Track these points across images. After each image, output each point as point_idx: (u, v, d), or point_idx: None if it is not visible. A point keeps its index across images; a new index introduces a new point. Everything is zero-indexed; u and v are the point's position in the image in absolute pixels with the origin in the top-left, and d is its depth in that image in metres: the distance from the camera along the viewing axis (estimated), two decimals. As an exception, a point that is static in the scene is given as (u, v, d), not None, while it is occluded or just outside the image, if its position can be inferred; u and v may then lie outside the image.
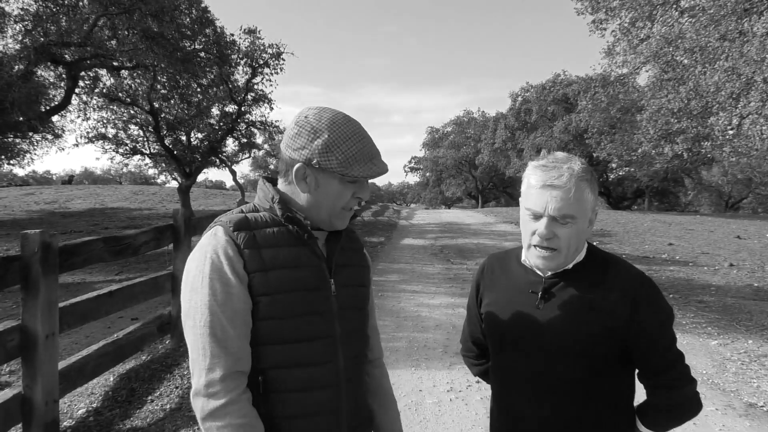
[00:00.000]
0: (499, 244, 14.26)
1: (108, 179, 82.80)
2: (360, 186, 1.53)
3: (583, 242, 1.67)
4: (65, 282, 9.47)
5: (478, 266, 1.94)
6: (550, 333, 1.63)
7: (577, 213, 1.56)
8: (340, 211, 1.53)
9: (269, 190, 1.55)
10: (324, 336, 1.51)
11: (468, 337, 2.00)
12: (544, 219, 1.58)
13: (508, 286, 1.77)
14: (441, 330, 6.60)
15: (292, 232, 1.50)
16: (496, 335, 1.78)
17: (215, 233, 1.47)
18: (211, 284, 1.41)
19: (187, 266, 1.48)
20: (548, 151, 1.70)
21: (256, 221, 1.50)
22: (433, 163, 53.82)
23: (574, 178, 1.56)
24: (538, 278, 1.70)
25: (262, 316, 1.44)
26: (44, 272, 3.56)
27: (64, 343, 6.15)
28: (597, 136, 21.13)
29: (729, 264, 11.49)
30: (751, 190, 49.20)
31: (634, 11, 11.74)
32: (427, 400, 4.58)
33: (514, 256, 1.82)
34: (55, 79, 15.67)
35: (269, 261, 1.45)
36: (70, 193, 28.66)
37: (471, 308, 1.95)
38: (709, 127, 10.17)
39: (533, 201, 1.60)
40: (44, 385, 3.60)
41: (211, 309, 1.40)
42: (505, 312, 1.73)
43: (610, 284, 1.62)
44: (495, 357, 1.82)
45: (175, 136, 20.04)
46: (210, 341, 1.39)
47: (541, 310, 1.66)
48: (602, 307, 1.59)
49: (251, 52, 18.64)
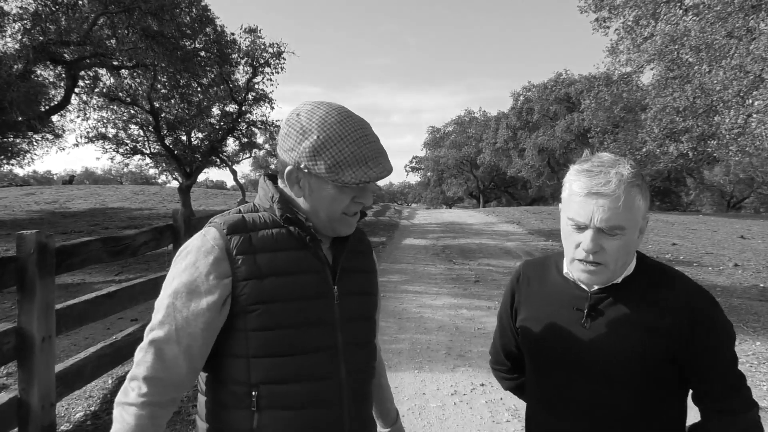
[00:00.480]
0: (501, 244, 14.18)
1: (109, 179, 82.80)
2: (360, 190, 1.39)
3: (633, 253, 1.49)
4: (64, 282, 9.40)
5: (512, 274, 1.77)
6: (597, 355, 1.47)
7: (627, 223, 1.39)
8: (341, 217, 1.40)
9: (270, 188, 1.43)
10: (324, 348, 1.39)
11: (500, 350, 1.83)
12: (590, 231, 1.40)
13: (548, 300, 1.60)
14: (444, 332, 6.52)
15: (294, 234, 1.39)
16: (535, 354, 1.62)
17: (205, 235, 1.37)
18: (177, 288, 1.33)
19: (173, 261, 1.40)
20: (591, 152, 1.51)
21: (254, 222, 1.39)
22: (434, 163, 53.72)
23: (624, 184, 1.37)
24: (583, 293, 1.52)
25: (255, 327, 1.33)
26: (40, 274, 3.48)
27: (63, 344, 6.08)
28: (600, 135, 21.05)
29: (734, 264, 11.40)
30: (753, 190, 49.10)
31: (638, 9, 11.65)
32: (430, 403, 4.50)
33: (553, 265, 1.64)
34: (54, 78, 15.61)
35: (265, 267, 1.34)
36: (71, 193, 28.61)
37: (504, 319, 1.77)
38: (715, 125, 10.07)
39: (576, 210, 1.42)
40: (41, 389, 3.53)
41: (167, 311, 1.33)
42: (545, 329, 1.57)
43: (665, 301, 1.45)
44: (533, 377, 1.66)
45: (175, 135, 19.99)
46: (151, 340, 1.33)
47: (587, 329, 1.49)
48: (657, 327, 1.42)
49: (252, 51, 18.58)
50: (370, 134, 1.37)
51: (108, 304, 4.53)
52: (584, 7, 13.11)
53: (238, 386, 1.35)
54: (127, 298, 4.85)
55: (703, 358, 1.43)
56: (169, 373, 1.32)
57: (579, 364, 1.49)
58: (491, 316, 7.19)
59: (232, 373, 1.36)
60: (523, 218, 20.94)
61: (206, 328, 1.33)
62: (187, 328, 1.32)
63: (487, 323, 6.86)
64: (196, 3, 15.28)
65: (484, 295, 8.42)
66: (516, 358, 1.77)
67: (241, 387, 1.35)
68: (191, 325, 1.32)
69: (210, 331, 1.34)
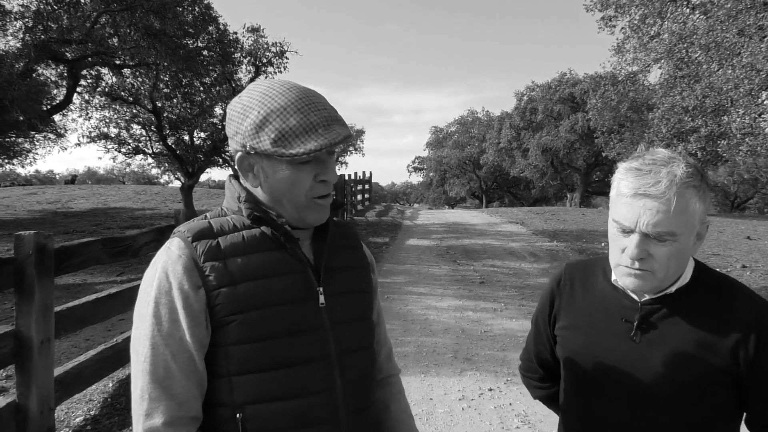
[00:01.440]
0: (506, 244, 14.07)
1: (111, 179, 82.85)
2: (321, 165, 1.23)
3: (688, 261, 1.35)
4: (65, 283, 9.32)
5: (553, 277, 1.62)
6: (646, 374, 1.33)
7: (679, 228, 1.25)
8: (308, 202, 1.25)
9: (236, 188, 1.29)
10: (315, 358, 1.24)
11: (532, 356, 1.69)
12: (635, 236, 1.27)
13: (592, 308, 1.46)
14: (450, 334, 6.42)
15: (267, 234, 1.25)
16: (573, 366, 1.48)
17: (169, 246, 1.23)
18: (156, 311, 1.18)
19: (141, 287, 1.25)
20: (647, 147, 1.41)
21: (221, 227, 1.25)
22: (436, 163, 53.59)
23: (676, 185, 1.23)
24: (633, 303, 1.38)
25: (234, 340, 1.19)
26: (39, 275, 3.40)
27: (63, 346, 5.99)
28: (606, 135, 20.90)
29: (741, 265, 11.29)
30: (757, 190, 48.92)
31: (644, 8, 11.56)
32: (438, 409, 4.40)
33: (599, 270, 1.49)
34: (56, 77, 15.55)
35: (238, 272, 1.20)
36: (73, 192, 28.54)
37: (540, 325, 1.63)
38: (725, 125, 9.96)
39: (622, 213, 1.29)
40: (39, 393, 3.46)
41: (153, 342, 1.18)
42: (588, 340, 1.44)
43: (726, 315, 1.31)
44: (570, 390, 1.51)
45: (177, 135, 19.89)
46: (149, 381, 1.17)
47: (636, 343, 1.35)
48: (717, 345, 1.28)
49: (254, 50, 18.48)
50: (320, 102, 1.23)
51: (108, 305, 4.45)
52: (590, 6, 13.03)
53: (222, 408, 1.21)
54: (128, 299, 4.77)
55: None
56: (186, 409, 1.19)
57: (624, 381, 1.36)
58: (497, 318, 7.10)
59: (213, 394, 1.22)
60: (526, 219, 20.82)
61: (201, 347, 1.20)
62: (184, 353, 1.19)
63: (494, 326, 6.76)
64: (198, 1, 15.20)
65: (490, 296, 8.31)
66: (550, 367, 1.64)
67: (225, 409, 1.21)
68: (188, 347, 1.19)
69: (204, 349, 1.21)
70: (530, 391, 1.77)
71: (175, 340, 1.18)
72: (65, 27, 12.59)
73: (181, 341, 1.18)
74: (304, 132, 1.18)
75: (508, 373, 5.16)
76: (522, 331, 6.54)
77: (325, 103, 1.25)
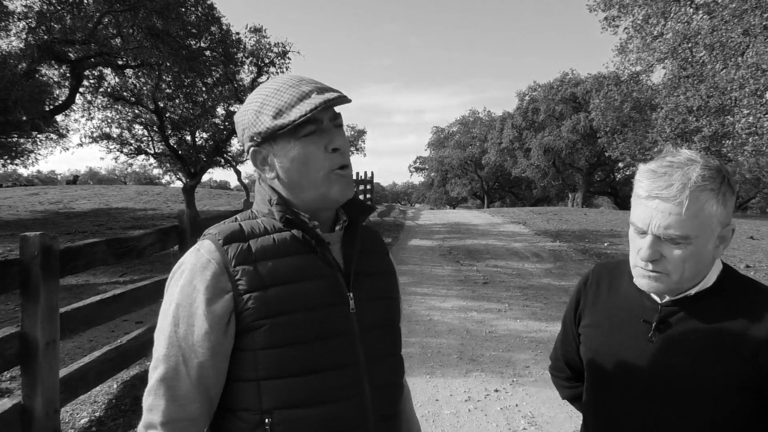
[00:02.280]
0: (509, 245, 14.05)
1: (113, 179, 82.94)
2: (328, 135, 1.23)
3: (709, 264, 1.33)
4: (68, 284, 9.32)
5: (582, 276, 1.62)
6: (663, 375, 1.31)
7: (693, 231, 1.23)
8: (327, 175, 1.23)
9: (267, 190, 1.29)
10: (344, 364, 1.23)
11: (560, 356, 1.69)
12: (648, 237, 1.27)
13: (614, 308, 1.45)
14: (454, 335, 6.40)
15: (298, 238, 1.24)
16: (592, 365, 1.48)
17: (199, 249, 1.23)
18: (176, 312, 1.19)
19: (167, 283, 1.25)
20: (674, 147, 1.40)
21: (252, 230, 1.24)
22: (438, 163, 53.58)
23: (689, 188, 1.22)
24: (654, 304, 1.37)
25: (263, 345, 1.18)
26: (44, 277, 3.39)
27: (67, 347, 5.99)
28: (609, 135, 20.83)
29: (745, 266, 11.26)
30: (759, 190, 48.84)
31: (647, 7, 11.52)
32: (444, 410, 4.38)
33: (626, 272, 1.45)
34: (59, 77, 15.54)
35: (268, 276, 1.19)
36: (75, 193, 28.57)
37: (567, 324, 1.62)
38: (729, 125, 9.92)
39: (637, 214, 1.29)
40: (44, 395, 3.44)
41: (168, 342, 1.19)
42: (607, 339, 1.43)
43: (750, 320, 1.27)
44: (590, 390, 1.51)
45: (179, 135, 19.89)
46: (158, 379, 1.19)
47: (654, 344, 1.34)
48: (739, 350, 1.25)
49: (257, 50, 18.47)
50: (310, 78, 1.26)
51: (113, 307, 4.43)
52: (593, 6, 13.00)
53: (249, 414, 1.20)
54: (132, 301, 4.77)
55: None
56: (187, 412, 1.19)
57: (641, 382, 1.35)
58: (502, 319, 7.08)
59: (241, 399, 1.21)
60: (528, 219, 20.79)
61: (215, 354, 1.19)
62: (195, 358, 1.18)
63: (498, 326, 6.74)
64: (201, 2, 15.19)
65: (494, 297, 8.29)
66: (577, 366, 1.62)
67: (253, 414, 1.20)
68: (199, 353, 1.18)
69: (220, 357, 1.20)
70: (558, 390, 1.76)
71: (189, 345, 1.18)
72: (68, 27, 12.58)
73: (195, 346, 1.18)
74: (298, 101, 1.20)
75: (513, 374, 5.14)
76: (527, 332, 6.52)
77: (315, 79, 1.27)
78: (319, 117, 1.21)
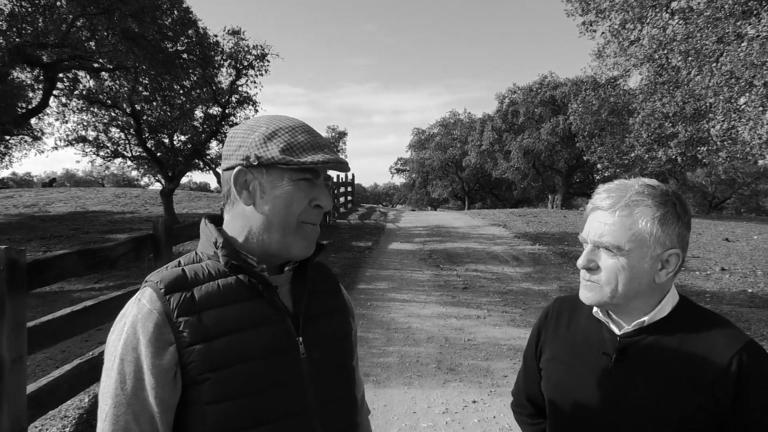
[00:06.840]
0: (488, 248, 14.08)
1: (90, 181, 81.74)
2: (317, 189, 1.21)
3: (650, 286, 1.33)
4: (41, 291, 9.12)
5: (543, 310, 1.63)
6: (625, 410, 1.32)
7: (626, 244, 1.28)
8: (297, 226, 1.20)
9: (212, 232, 1.23)
10: (296, 413, 1.19)
11: (522, 391, 1.68)
12: (586, 246, 1.37)
13: (574, 341, 1.46)
14: (433, 343, 6.38)
15: (244, 282, 1.19)
16: (555, 401, 1.46)
17: (140, 299, 1.17)
18: (121, 368, 1.12)
19: (108, 338, 1.19)
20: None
21: (196, 275, 1.19)
22: (419, 165, 53.63)
23: (624, 200, 1.30)
24: (612, 336, 1.38)
25: (209, 399, 1.13)
26: (10, 292, 3.29)
27: (39, 358, 5.86)
28: (587, 139, 21.00)
29: (721, 268, 11.39)
30: (734, 191, 49.61)
31: (624, 13, 11.62)
32: (421, 423, 4.34)
33: (587, 305, 1.46)
34: (32, 80, 15.25)
35: (213, 326, 1.13)
36: (51, 195, 28.07)
37: (528, 359, 1.63)
38: (705, 131, 10.03)
39: (583, 227, 1.40)
40: (11, 413, 3.35)
41: (116, 400, 1.12)
42: (567, 373, 1.43)
43: (706, 350, 1.28)
44: (554, 428, 1.50)
45: (157, 138, 19.65)
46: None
47: (614, 376, 1.35)
48: (696, 381, 1.26)
49: (235, 53, 18.32)
50: (318, 132, 1.27)
51: (83, 319, 4.33)
52: (570, 11, 13.07)
53: None
54: (105, 312, 4.64)
55: (752, 424, 1.24)
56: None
57: (603, 415, 1.34)
58: (481, 326, 7.07)
59: None
60: (509, 221, 20.85)
61: (166, 410, 1.13)
62: (146, 413, 1.12)
63: (477, 334, 6.73)
64: (177, 5, 15.00)
65: (473, 303, 8.29)
66: (539, 402, 1.61)
67: None
68: (150, 408, 1.12)
69: (169, 413, 1.14)
70: (521, 427, 1.74)
71: (139, 401, 1.12)
72: (41, 30, 12.33)
73: (145, 401, 1.12)
74: (312, 148, 1.19)
75: (491, 384, 5.13)
76: (505, 339, 6.51)
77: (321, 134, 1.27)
78: (320, 171, 1.22)
